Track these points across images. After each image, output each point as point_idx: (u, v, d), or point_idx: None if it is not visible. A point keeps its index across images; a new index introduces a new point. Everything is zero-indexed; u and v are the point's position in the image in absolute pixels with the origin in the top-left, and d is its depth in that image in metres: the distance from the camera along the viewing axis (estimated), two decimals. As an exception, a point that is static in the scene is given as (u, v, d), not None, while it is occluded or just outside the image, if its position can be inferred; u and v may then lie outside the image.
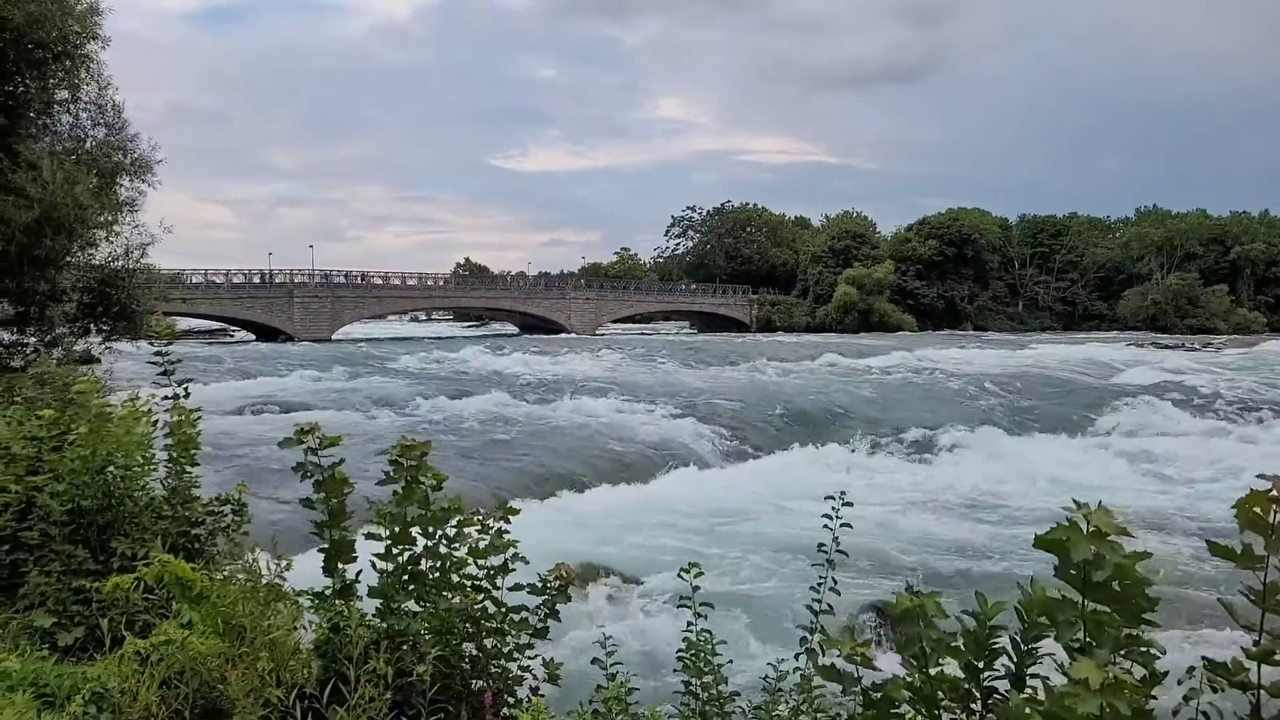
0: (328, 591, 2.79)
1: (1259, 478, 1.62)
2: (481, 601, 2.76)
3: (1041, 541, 1.55)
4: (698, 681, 2.92)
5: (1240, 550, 1.59)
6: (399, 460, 2.78)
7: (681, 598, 3.11)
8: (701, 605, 3.06)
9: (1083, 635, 1.51)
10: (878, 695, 1.73)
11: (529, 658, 2.78)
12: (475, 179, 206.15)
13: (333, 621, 2.62)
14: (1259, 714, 1.62)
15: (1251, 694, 1.62)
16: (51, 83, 10.03)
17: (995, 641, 1.74)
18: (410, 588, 2.76)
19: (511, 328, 72.84)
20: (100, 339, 10.95)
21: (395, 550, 2.77)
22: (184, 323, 53.57)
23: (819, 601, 2.91)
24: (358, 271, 61.39)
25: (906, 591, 1.72)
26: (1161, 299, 74.15)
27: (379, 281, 61.96)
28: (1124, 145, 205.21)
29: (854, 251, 77.59)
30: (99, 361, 10.44)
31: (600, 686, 2.76)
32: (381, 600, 2.72)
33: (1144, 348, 41.25)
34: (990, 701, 1.74)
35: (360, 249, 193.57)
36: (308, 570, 2.93)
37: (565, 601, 2.88)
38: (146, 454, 3.32)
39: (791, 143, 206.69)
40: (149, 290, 11.18)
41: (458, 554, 2.79)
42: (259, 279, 55.52)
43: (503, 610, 2.77)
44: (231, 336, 56.77)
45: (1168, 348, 42.38)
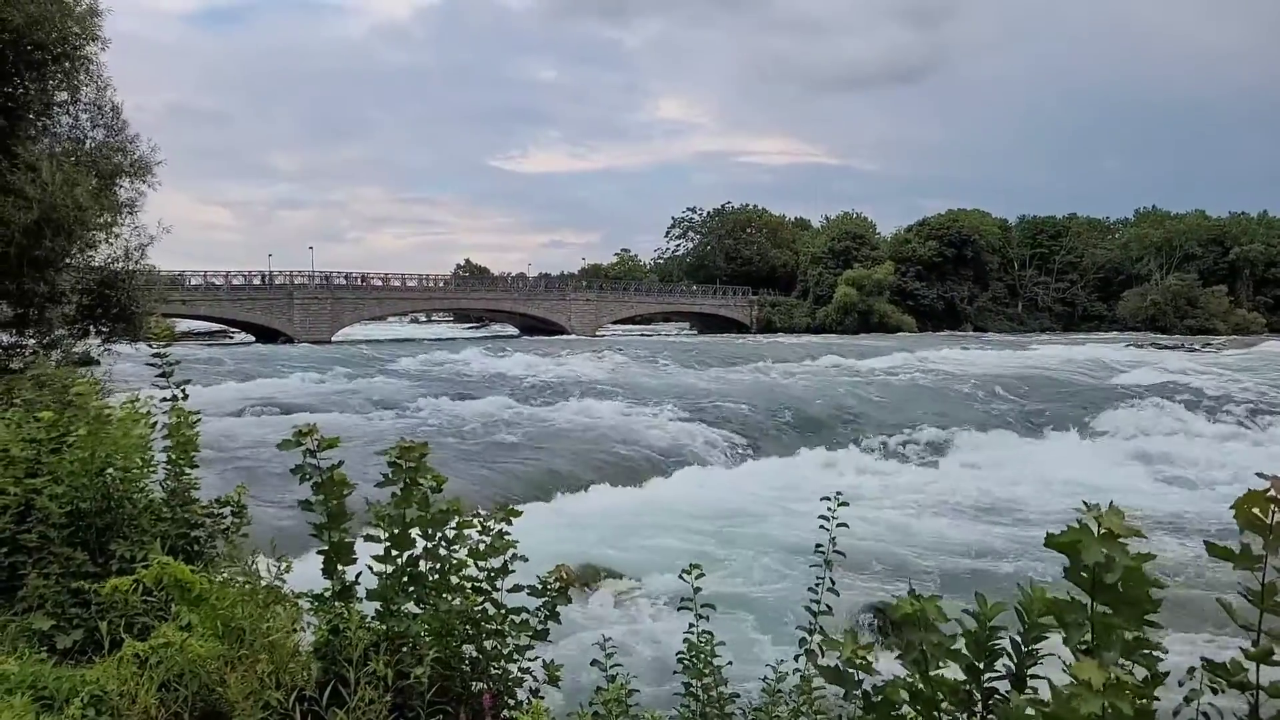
0: (327, 594, 2.79)
1: (1258, 476, 1.62)
2: (481, 603, 2.75)
3: (1052, 542, 1.54)
4: (698, 683, 2.91)
5: (1239, 551, 1.59)
6: (398, 462, 2.77)
7: (683, 599, 3.10)
8: (703, 607, 3.05)
9: (1090, 637, 1.51)
10: (878, 698, 1.72)
11: (529, 659, 2.77)
12: (475, 180, 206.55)
13: (332, 624, 2.61)
14: (1257, 714, 1.62)
15: (1250, 694, 1.62)
16: (51, 84, 10.03)
17: (996, 642, 1.74)
18: (410, 589, 2.75)
19: (512, 329, 72.82)
20: (99, 341, 10.94)
21: (394, 552, 2.77)
22: (183, 324, 53.61)
23: (817, 602, 2.91)
24: (357, 273, 61.49)
25: (908, 595, 1.72)
26: (1161, 300, 74.18)
27: (379, 283, 61.98)
28: (1124, 146, 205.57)
29: (854, 252, 77.60)
30: (98, 363, 10.44)
31: (600, 688, 2.76)
32: (381, 602, 2.71)
33: (1144, 348, 41.25)
34: (991, 702, 1.73)
35: (360, 250, 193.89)
36: (307, 572, 2.93)
37: (565, 603, 2.88)
38: (145, 456, 3.32)
39: (792, 144, 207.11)
40: (148, 292, 11.17)
41: (457, 556, 2.79)
42: (259, 281, 55.51)
43: (503, 612, 2.77)
44: (231, 338, 56.76)
45: (1167, 348, 42.38)
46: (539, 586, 2.85)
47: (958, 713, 1.72)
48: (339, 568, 2.82)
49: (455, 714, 2.56)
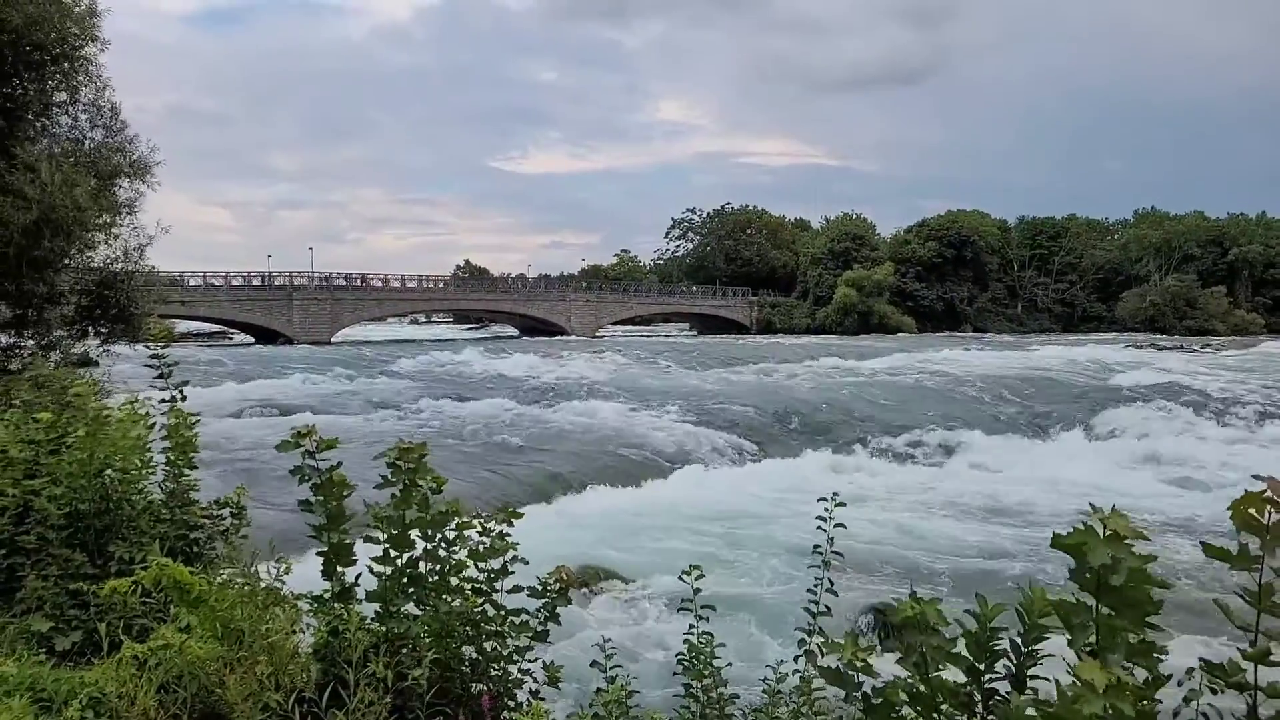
0: (326, 595, 2.78)
1: (1254, 478, 1.62)
2: (481, 604, 2.75)
3: (1058, 544, 1.55)
4: (698, 684, 2.91)
5: (1236, 552, 1.59)
6: (397, 463, 2.77)
7: (683, 600, 3.10)
8: (703, 608, 3.05)
9: (1095, 639, 1.51)
10: (878, 700, 1.72)
11: (529, 661, 2.77)
12: (475, 181, 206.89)
13: (331, 625, 2.61)
14: (1256, 714, 1.62)
15: (1248, 695, 1.62)
16: (50, 85, 10.02)
17: (996, 643, 1.73)
18: (409, 591, 2.75)
19: (511, 330, 72.81)
20: (98, 342, 10.92)
21: (393, 553, 2.76)
22: (182, 325, 53.63)
23: (816, 603, 2.91)
24: (357, 274, 61.47)
25: (909, 597, 1.72)
26: (1160, 300, 74.23)
27: (379, 284, 61.96)
28: (1124, 147, 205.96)
29: (854, 253, 77.64)
30: (97, 364, 10.43)
31: (601, 689, 2.76)
32: (380, 604, 2.71)
33: (1144, 349, 41.29)
34: (991, 703, 1.73)
35: (360, 251, 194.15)
36: (307, 574, 2.92)
37: (565, 604, 2.87)
38: (144, 457, 3.31)
39: (792, 144, 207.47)
40: (147, 293, 11.15)
41: (457, 557, 2.78)
42: (258, 281, 55.50)
43: (502, 613, 2.76)
44: (230, 339, 56.75)
45: (1167, 349, 42.42)
46: (539, 588, 2.85)
47: (958, 714, 1.72)
48: (338, 569, 2.82)
49: (455, 715, 2.56)
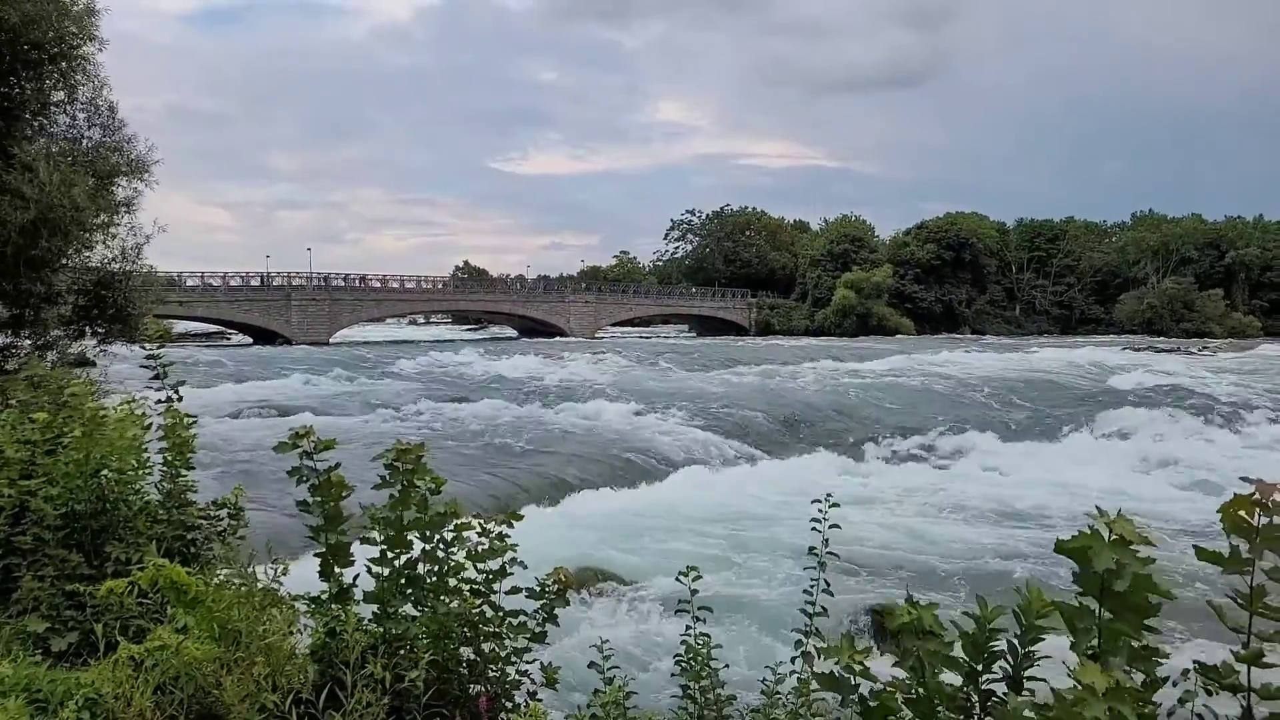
0: (324, 596, 2.78)
1: (1242, 480, 1.62)
2: (479, 606, 2.74)
3: (1063, 548, 1.55)
4: (695, 685, 2.91)
5: (1228, 554, 1.59)
6: (395, 464, 2.77)
7: (680, 601, 3.10)
8: (700, 609, 3.05)
9: (1098, 642, 1.51)
10: (874, 703, 1.72)
11: (527, 662, 2.76)
12: (475, 182, 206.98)
13: (329, 626, 2.60)
14: (1250, 716, 1.62)
15: (1242, 696, 1.62)
16: (48, 84, 10.00)
17: (993, 645, 1.73)
18: (407, 592, 2.74)
19: (510, 331, 72.78)
20: (95, 342, 10.90)
21: (391, 554, 2.76)
22: (180, 326, 53.56)
23: (812, 604, 2.91)
24: (356, 274, 61.40)
25: (905, 602, 1.72)
26: (1157, 303, 74.37)
27: (377, 284, 61.91)
28: (1122, 150, 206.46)
29: (852, 255, 77.72)
30: (94, 364, 10.41)
31: (599, 690, 2.75)
32: (378, 605, 2.70)
33: (1141, 351, 41.37)
34: (989, 704, 1.73)
35: (359, 252, 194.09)
36: (304, 575, 2.92)
37: (563, 606, 2.87)
38: (141, 458, 3.30)
39: (791, 146, 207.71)
40: (145, 293, 11.13)
41: (456, 558, 2.78)
42: (257, 282, 55.43)
43: (501, 614, 2.76)
44: (228, 340, 56.68)
45: (1165, 351, 42.51)
46: (537, 589, 2.84)
47: (955, 718, 1.72)
48: (336, 570, 2.81)
49: (452, 717, 2.55)
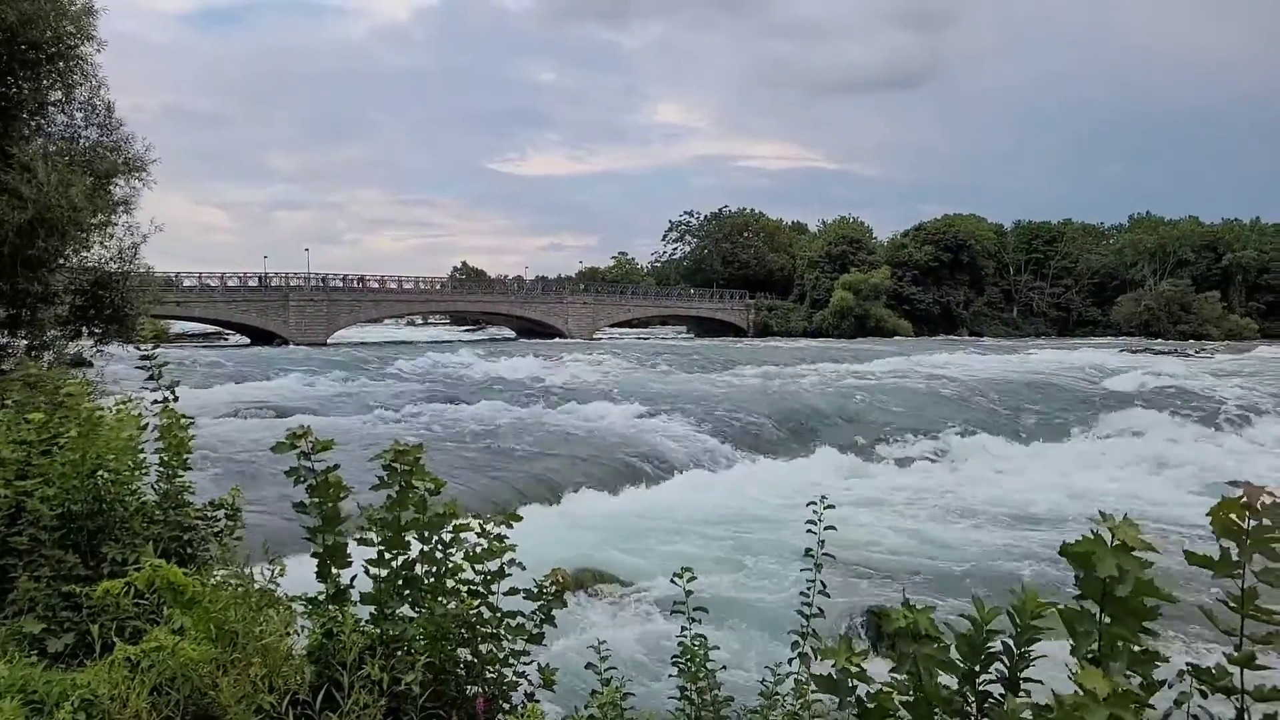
0: (321, 597, 2.78)
1: (1230, 484, 1.63)
2: (477, 607, 2.74)
3: (1066, 552, 1.55)
4: (692, 686, 2.91)
5: (1219, 557, 1.59)
6: (393, 465, 2.76)
7: (675, 602, 3.10)
8: (696, 610, 3.05)
9: (1097, 647, 1.51)
10: (872, 705, 1.72)
11: (524, 663, 2.76)
12: (474, 182, 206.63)
13: (326, 627, 2.60)
14: (1246, 718, 1.62)
15: (1236, 698, 1.63)
16: (45, 84, 9.99)
17: (989, 646, 1.74)
18: (405, 593, 2.74)
19: (508, 332, 72.76)
20: (92, 342, 10.89)
21: (389, 556, 2.76)
22: (178, 326, 53.46)
23: (808, 605, 2.92)
24: (354, 275, 61.34)
25: (902, 605, 1.72)
26: (1155, 305, 74.53)
27: (375, 285, 61.85)
28: (1120, 153, 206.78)
29: (851, 257, 77.81)
30: (91, 365, 10.39)
31: (596, 692, 2.75)
32: (375, 606, 2.70)
33: (1139, 354, 41.45)
34: (985, 706, 1.73)
35: (357, 252, 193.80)
36: (301, 575, 2.91)
37: (561, 607, 2.87)
38: (137, 458, 3.30)
39: (790, 148, 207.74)
40: (142, 293, 11.12)
41: (454, 559, 2.77)
42: (254, 282, 55.36)
43: (498, 615, 2.76)
44: (225, 340, 56.59)
45: (1162, 353, 42.62)
46: (535, 590, 2.84)
47: (952, 718, 1.72)
48: (333, 571, 2.81)
49: (449, 718, 2.55)
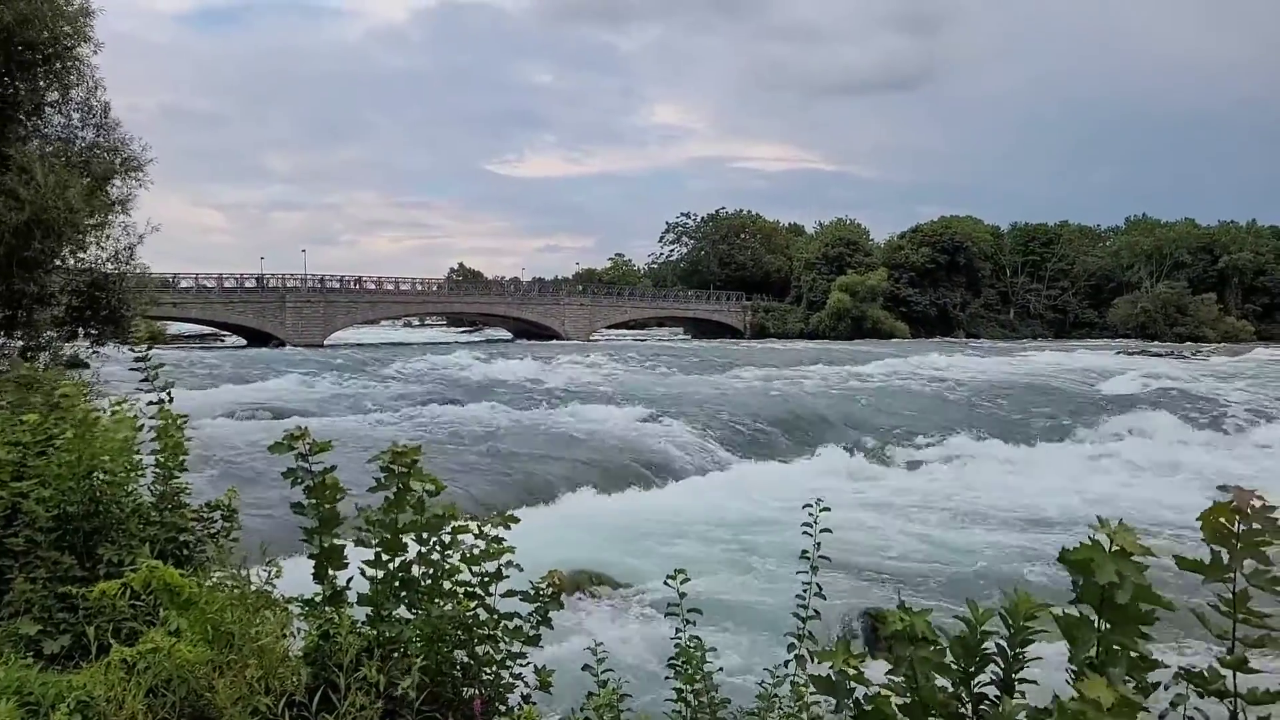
0: (318, 598, 2.77)
1: (1220, 489, 1.64)
2: (474, 608, 2.74)
3: (1065, 559, 1.55)
4: (689, 688, 2.91)
5: (1210, 561, 1.60)
6: (390, 466, 2.76)
7: (669, 604, 3.11)
8: (690, 612, 3.06)
9: (1095, 652, 1.52)
10: (869, 707, 1.73)
11: (521, 665, 2.76)
12: (471, 184, 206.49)
13: (322, 629, 2.60)
14: (1238, 720, 1.63)
15: (1229, 701, 1.64)
16: (42, 84, 9.97)
17: (984, 648, 1.75)
18: (402, 595, 2.74)
19: (505, 333, 72.70)
20: (88, 343, 10.86)
21: (385, 557, 2.75)
22: (174, 327, 53.32)
23: (804, 607, 2.92)
24: (351, 276, 61.26)
25: (898, 608, 1.72)
26: (1151, 307, 74.73)
27: (372, 286, 61.77)
28: (1117, 155, 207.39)
29: (847, 259, 77.92)
30: (87, 366, 10.37)
31: (592, 694, 2.75)
32: (372, 607, 2.70)
33: (1136, 356, 41.58)
34: (981, 708, 1.74)
35: (354, 253, 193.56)
36: (298, 577, 2.91)
37: (558, 609, 2.87)
38: (133, 459, 3.29)
39: (787, 150, 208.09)
40: (139, 294, 11.10)
41: (451, 561, 2.77)
42: (251, 283, 55.24)
43: (495, 617, 2.76)
44: (222, 342, 56.46)
45: (1158, 355, 42.74)
46: (531, 592, 2.84)
47: None
48: (330, 572, 2.80)
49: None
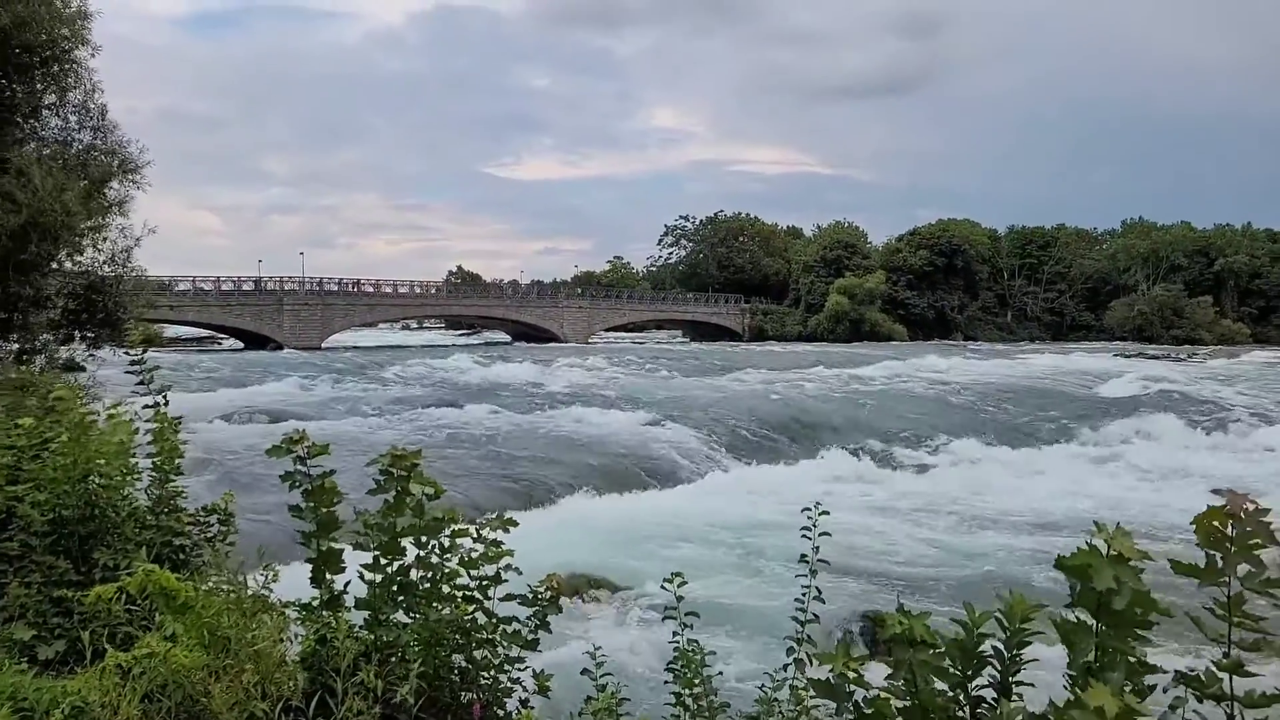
0: (315, 603, 2.76)
1: (1213, 493, 1.64)
2: (472, 612, 2.73)
3: (1062, 565, 1.56)
4: (688, 692, 2.90)
5: (1204, 565, 1.60)
6: (390, 470, 2.76)
7: (666, 608, 3.10)
8: (691, 615, 3.05)
9: (1093, 657, 1.52)
10: (869, 711, 1.72)
11: (519, 669, 2.75)
12: (469, 187, 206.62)
13: (320, 633, 2.58)
14: (1236, 724, 1.63)
15: (1226, 705, 1.64)
16: (39, 87, 9.97)
17: (982, 650, 1.74)
18: (399, 599, 2.73)
19: (503, 336, 72.68)
20: (85, 346, 10.84)
21: (384, 561, 2.75)
22: (171, 330, 53.23)
23: (803, 610, 2.92)
24: (349, 279, 61.23)
25: (897, 611, 1.72)
26: (1147, 310, 74.93)
27: (370, 289, 61.72)
28: (1113, 158, 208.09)
29: (845, 261, 78.06)
30: (83, 369, 10.35)
31: (590, 698, 2.75)
32: (370, 611, 2.69)
33: (1133, 358, 41.68)
34: (978, 711, 1.74)
35: (352, 256, 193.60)
36: (295, 581, 2.90)
37: (556, 613, 2.86)
38: (129, 463, 3.28)
39: (786, 153, 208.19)
40: (135, 297, 11.08)
41: (450, 565, 2.77)
42: (249, 286, 55.18)
43: (493, 621, 2.75)
44: (219, 344, 56.38)
45: (1155, 358, 42.85)
46: (530, 596, 2.83)
47: (947, 723, 1.73)
48: (328, 576, 2.79)
49: (443, 724, 2.54)
